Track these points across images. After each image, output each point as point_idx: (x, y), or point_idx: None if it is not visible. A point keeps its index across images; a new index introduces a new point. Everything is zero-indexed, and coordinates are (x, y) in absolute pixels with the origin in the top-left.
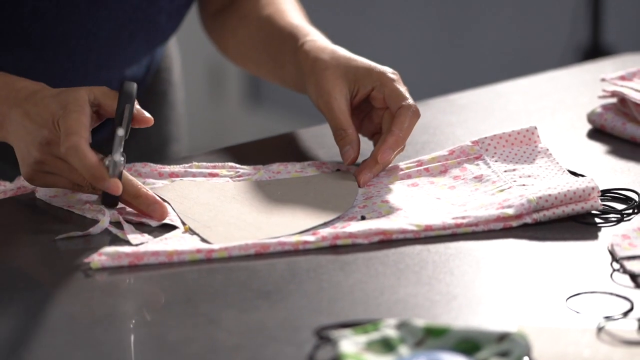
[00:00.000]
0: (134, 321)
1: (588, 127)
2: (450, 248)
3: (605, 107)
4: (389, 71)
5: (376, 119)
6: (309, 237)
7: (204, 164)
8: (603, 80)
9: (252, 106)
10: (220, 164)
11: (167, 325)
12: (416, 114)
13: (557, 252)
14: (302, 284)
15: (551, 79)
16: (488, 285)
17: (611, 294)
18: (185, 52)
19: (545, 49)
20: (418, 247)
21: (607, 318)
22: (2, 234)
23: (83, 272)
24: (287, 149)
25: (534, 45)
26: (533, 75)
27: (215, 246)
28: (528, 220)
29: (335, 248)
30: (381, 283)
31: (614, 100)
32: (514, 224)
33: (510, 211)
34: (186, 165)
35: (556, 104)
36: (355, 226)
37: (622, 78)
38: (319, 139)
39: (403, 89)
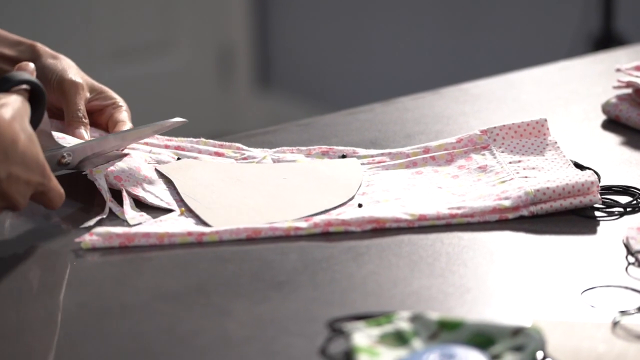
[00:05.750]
0: (144, 311)
1: (602, 117)
2: (463, 239)
3: (620, 98)
4: None
5: None
6: (301, 224)
7: (211, 141)
8: (618, 70)
9: (261, 91)
10: (227, 143)
11: (178, 316)
12: None
13: (568, 246)
14: (314, 275)
15: (564, 68)
16: (502, 278)
17: (626, 287)
18: (194, 36)
19: (556, 37)
20: (431, 238)
21: (623, 312)
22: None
23: (94, 261)
24: (298, 136)
25: (545, 33)
26: (546, 65)
27: (206, 229)
28: (525, 212)
29: (346, 238)
30: (394, 275)
31: (629, 90)
32: (510, 216)
33: (507, 203)
34: (194, 139)
35: (570, 94)
36: (349, 213)
37: (638, 68)
38: (332, 127)
39: None
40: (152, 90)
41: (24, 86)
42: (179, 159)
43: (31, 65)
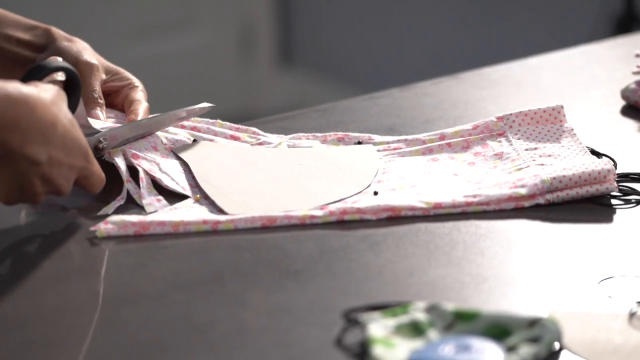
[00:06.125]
0: (160, 300)
1: (622, 103)
2: (480, 228)
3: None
4: None
5: None
6: (317, 212)
7: (228, 124)
8: (637, 55)
9: (283, 68)
10: (243, 127)
11: (194, 305)
12: None
13: (585, 234)
14: (331, 263)
15: (584, 53)
16: (519, 267)
17: None
18: (215, 13)
19: (578, 19)
20: (448, 226)
21: None
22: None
23: (110, 250)
24: (315, 122)
25: (566, 15)
26: (566, 49)
27: (221, 217)
28: (541, 200)
29: (363, 226)
30: (411, 264)
31: None
32: (526, 204)
33: (523, 191)
34: (210, 120)
35: (589, 79)
36: (364, 201)
37: None
38: (350, 112)
39: None
40: (173, 68)
41: (60, 74)
42: (194, 140)
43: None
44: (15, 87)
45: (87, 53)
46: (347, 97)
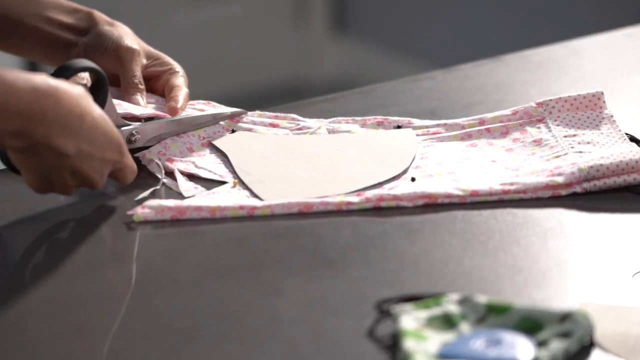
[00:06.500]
0: (195, 288)
1: None
2: (517, 217)
3: None
4: None
5: None
6: (353, 198)
7: (267, 113)
8: None
9: (337, 35)
10: (282, 114)
11: (229, 293)
12: None
13: (621, 225)
14: (366, 252)
15: (629, 35)
16: (553, 258)
17: None
18: None
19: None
20: (485, 214)
21: None
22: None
23: (146, 236)
24: (356, 105)
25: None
26: (611, 31)
27: (258, 203)
28: (578, 189)
29: (399, 213)
30: (446, 253)
31: None
32: (563, 192)
33: (560, 179)
34: (250, 112)
35: (633, 63)
36: (401, 188)
37: None
38: (391, 96)
39: None
40: (227, 34)
41: (85, 74)
42: (233, 131)
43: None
44: (42, 79)
45: (129, 38)
46: (399, 66)
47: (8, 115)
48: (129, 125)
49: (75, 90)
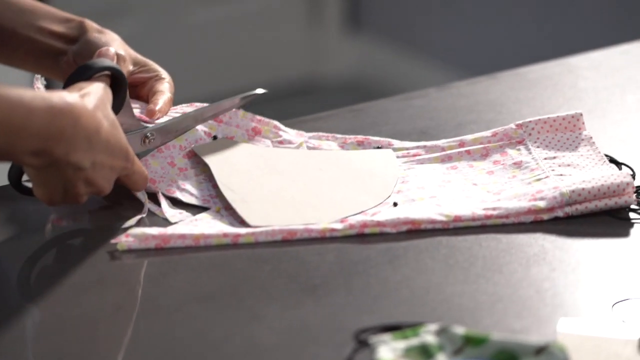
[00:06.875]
0: (178, 314)
1: None
2: (501, 242)
3: None
4: None
5: None
6: (337, 225)
7: (250, 114)
8: None
9: (351, 32)
10: (265, 119)
11: (211, 319)
12: None
13: (602, 250)
14: (349, 278)
15: (624, 52)
16: (534, 286)
17: None
18: None
19: (622, 18)
20: (469, 240)
21: None
22: (37, 221)
23: (130, 262)
24: (349, 123)
25: (610, 14)
26: (607, 48)
27: (242, 231)
28: (560, 213)
29: (383, 239)
30: (428, 280)
31: None
32: (545, 217)
33: (542, 204)
34: (232, 112)
35: (626, 81)
36: (384, 214)
37: None
38: (384, 114)
39: None
40: (241, 32)
41: (106, 72)
42: (215, 137)
43: (111, 50)
44: (59, 96)
45: (115, 44)
46: (413, 64)
47: (28, 135)
48: (145, 126)
49: (92, 103)
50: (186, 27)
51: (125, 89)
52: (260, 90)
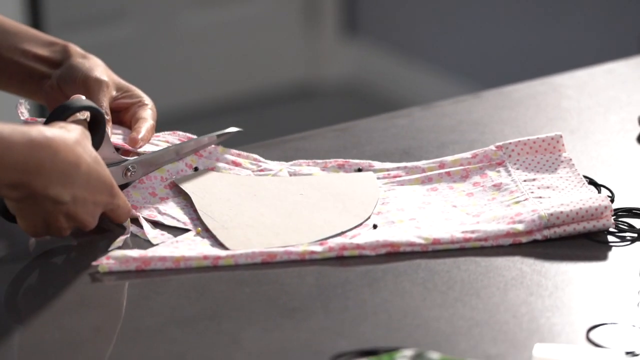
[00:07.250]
0: (157, 336)
1: (638, 130)
2: (480, 266)
3: None
4: None
5: None
6: (316, 247)
7: (230, 149)
8: None
9: (348, 38)
10: (245, 153)
11: (189, 342)
12: None
13: (580, 274)
14: (328, 301)
15: (609, 71)
16: (511, 311)
17: (635, 326)
18: None
19: (605, 37)
20: (448, 263)
21: (628, 354)
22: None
23: (111, 284)
24: (332, 142)
25: (594, 33)
26: (590, 67)
27: (222, 253)
28: (538, 236)
29: (362, 262)
30: (406, 304)
31: None
32: (524, 240)
33: (521, 227)
34: (211, 147)
35: (610, 101)
36: (364, 236)
37: None
38: (367, 134)
39: None
40: (238, 36)
41: (85, 113)
42: (196, 168)
43: (82, 98)
44: (38, 130)
45: (99, 70)
46: (410, 68)
47: (6, 168)
48: (125, 159)
49: (72, 137)
50: (182, 31)
51: (104, 126)
52: (234, 129)
